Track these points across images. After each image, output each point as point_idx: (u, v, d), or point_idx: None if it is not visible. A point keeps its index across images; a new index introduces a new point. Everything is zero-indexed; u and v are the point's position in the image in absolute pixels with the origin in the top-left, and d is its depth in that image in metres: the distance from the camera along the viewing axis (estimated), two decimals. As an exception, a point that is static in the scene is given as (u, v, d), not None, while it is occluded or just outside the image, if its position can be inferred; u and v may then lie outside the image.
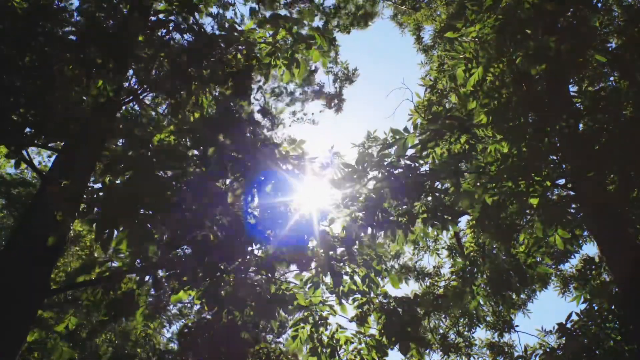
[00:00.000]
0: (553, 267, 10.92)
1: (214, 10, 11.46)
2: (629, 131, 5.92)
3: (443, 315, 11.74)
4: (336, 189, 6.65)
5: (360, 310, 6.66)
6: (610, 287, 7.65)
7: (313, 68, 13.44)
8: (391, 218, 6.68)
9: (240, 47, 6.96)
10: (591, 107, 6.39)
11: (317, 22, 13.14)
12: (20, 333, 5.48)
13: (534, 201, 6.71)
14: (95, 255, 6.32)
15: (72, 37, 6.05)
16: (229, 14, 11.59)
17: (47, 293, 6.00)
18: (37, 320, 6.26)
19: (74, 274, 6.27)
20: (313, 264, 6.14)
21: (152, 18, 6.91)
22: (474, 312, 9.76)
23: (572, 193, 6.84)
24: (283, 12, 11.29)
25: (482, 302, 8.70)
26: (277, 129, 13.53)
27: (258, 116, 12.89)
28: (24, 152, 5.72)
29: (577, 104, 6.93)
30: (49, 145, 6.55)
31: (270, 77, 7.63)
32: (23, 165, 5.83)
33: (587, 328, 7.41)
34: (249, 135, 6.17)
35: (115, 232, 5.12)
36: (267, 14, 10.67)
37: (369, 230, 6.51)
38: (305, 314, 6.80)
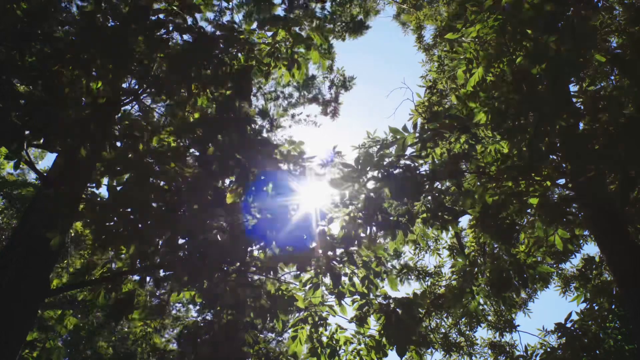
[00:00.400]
0: (554, 266, 10.91)
1: (210, 15, 11.54)
2: (629, 131, 5.90)
3: (445, 315, 11.75)
4: (336, 188, 6.65)
5: (359, 311, 6.66)
6: (611, 287, 7.65)
7: (311, 75, 13.52)
8: (391, 218, 6.67)
9: (240, 47, 6.96)
10: (591, 106, 6.37)
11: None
12: (20, 332, 5.49)
13: (534, 201, 6.70)
14: (97, 256, 6.33)
15: (72, 37, 6.06)
16: (225, 19, 11.65)
17: (47, 293, 6.02)
18: (37, 320, 6.28)
19: (75, 275, 6.29)
20: (312, 265, 6.14)
21: (152, 17, 6.89)
22: (475, 312, 9.76)
23: (572, 193, 6.82)
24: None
25: (482, 302, 8.70)
26: (276, 132, 13.60)
27: (257, 118, 12.94)
28: (24, 153, 5.73)
29: (577, 104, 6.91)
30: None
31: (270, 78, 7.64)
32: (24, 165, 5.84)
33: (588, 327, 7.41)
34: (248, 135, 6.17)
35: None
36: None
37: (369, 230, 6.51)
38: (305, 314, 6.80)
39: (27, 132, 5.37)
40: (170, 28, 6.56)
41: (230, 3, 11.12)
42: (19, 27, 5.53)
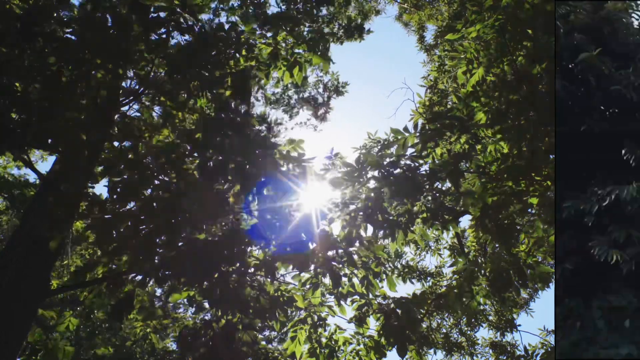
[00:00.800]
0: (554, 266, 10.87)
1: (205, 17, 11.54)
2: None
3: (446, 315, 11.74)
4: (336, 188, 6.65)
5: (359, 311, 6.65)
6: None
7: (305, 76, 13.56)
8: (391, 218, 6.67)
9: (240, 47, 6.95)
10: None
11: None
12: (20, 332, 5.50)
13: (534, 201, 6.69)
14: (97, 256, 6.34)
15: (71, 37, 6.06)
16: (222, 20, 11.67)
17: (47, 293, 6.02)
18: (38, 320, 6.29)
19: (75, 275, 6.29)
20: (312, 265, 6.14)
21: (153, 15, 6.89)
22: (476, 311, 9.75)
23: (572, 193, 6.80)
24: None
25: (482, 302, 8.68)
26: (277, 137, 13.65)
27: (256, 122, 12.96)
28: (24, 154, 5.75)
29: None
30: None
31: (271, 77, 7.63)
32: (22, 166, 5.85)
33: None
34: (247, 136, 6.17)
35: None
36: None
37: (369, 228, 6.51)
38: (304, 314, 6.80)
39: (27, 133, 5.38)
40: (170, 28, 6.55)
41: (227, 5, 11.11)
42: (19, 26, 5.53)
